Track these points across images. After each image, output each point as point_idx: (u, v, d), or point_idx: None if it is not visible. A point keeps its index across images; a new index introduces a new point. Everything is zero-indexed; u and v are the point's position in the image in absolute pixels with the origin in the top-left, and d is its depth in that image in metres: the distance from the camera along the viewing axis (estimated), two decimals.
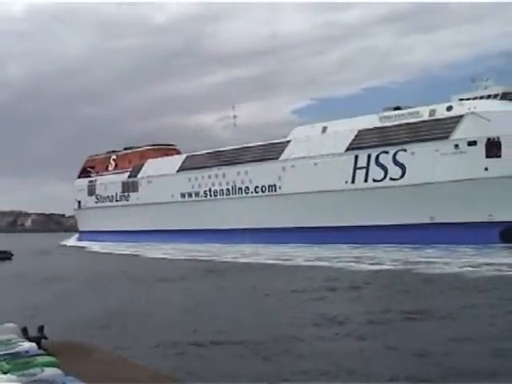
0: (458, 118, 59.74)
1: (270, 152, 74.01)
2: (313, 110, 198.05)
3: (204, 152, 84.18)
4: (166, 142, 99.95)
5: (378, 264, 39.04)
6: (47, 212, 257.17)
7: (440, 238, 54.98)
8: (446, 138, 59.62)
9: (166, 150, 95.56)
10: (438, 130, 60.51)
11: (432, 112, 62.61)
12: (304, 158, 69.26)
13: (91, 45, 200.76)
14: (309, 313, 20.71)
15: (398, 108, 66.92)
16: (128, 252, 68.10)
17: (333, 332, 17.03)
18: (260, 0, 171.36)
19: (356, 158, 65.04)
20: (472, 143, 58.03)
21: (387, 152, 62.98)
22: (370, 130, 64.99)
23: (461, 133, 58.96)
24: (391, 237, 58.35)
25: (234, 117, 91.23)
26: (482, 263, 33.49)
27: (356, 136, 65.86)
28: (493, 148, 57.09)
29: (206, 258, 53.10)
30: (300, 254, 51.72)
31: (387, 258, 43.73)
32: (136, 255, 63.45)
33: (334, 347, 15.18)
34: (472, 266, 32.21)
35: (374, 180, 63.86)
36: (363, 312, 20.43)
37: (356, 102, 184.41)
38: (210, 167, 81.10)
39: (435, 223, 58.89)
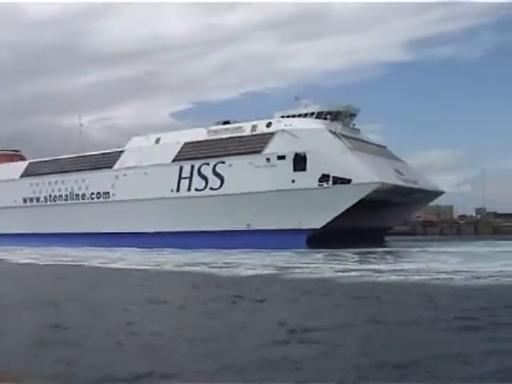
0: (271, 135, 63.67)
1: (106, 161, 76.28)
2: (192, 114, 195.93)
3: (46, 159, 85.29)
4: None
5: (253, 269, 36.69)
6: None
7: (256, 244, 57.71)
8: (260, 152, 63.43)
9: (12, 156, 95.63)
10: (253, 145, 64.19)
11: (254, 128, 66.29)
12: (135, 167, 71.87)
13: None
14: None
15: (226, 122, 70.38)
16: None
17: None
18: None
19: (181, 168, 68.09)
20: (281, 157, 61.85)
21: (208, 164, 66.30)
22: (194, 142, 68.33)
23: (272, 148, 62.82)
24: (213, 242, 61.18)
25: (81, 125, 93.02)
26: (350, 269, 33.30)
27: (182, 148, 69.06)
28: (299, 162, 60.94)
29: (76, 264, 48.04)
30: (165, 260, 48.18)
31: (258, 263, 41.58)
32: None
33: None
34: (342, 271, 32.35)
35: (197, 189, 66.93)
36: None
37: (235, 106, 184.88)
38: (51, 174, 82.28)
39: (251, 230, 62.37)
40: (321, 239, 57.35)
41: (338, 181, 58.97)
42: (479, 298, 21.13)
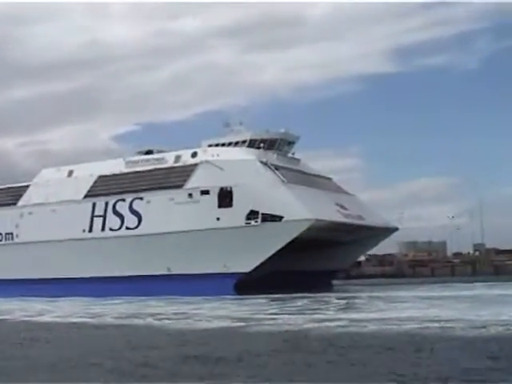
0: (193, 167, 60.59)
1: (9, 196, 71.69)
2: (137, 137, 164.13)
3: None
4: None
5: (209, 321, 33.40)
6: None
7: (178, 290, 54.79)
8: (181, 186, 60.22)
9: None
10: (173, 178, 61.24)
11: (177, 158, 63.18)
12: (43, 204, 67.53)
13: None
14: None
15: (149, 152, 66.89)
16: None
17: None
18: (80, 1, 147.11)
19: (94, 205, 64.41)
20: (205, 192, 58.95)
21: (124, 200, 62.78)
22: (110, 176, 64.92)
23: (195, 181, 59.89)
24: (129, 289, 57.82)
25: None
26: (323, 319, 30.63)
27: (95, 182, 65.47)
28: (225, 198, 58.21)
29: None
30: (102, 311, 44.06)
31: (205, 314, 38.04)
32: None
33: None
34: (315, 322, 29.39)
35: (111, 229, 63.43)
36: None
37: (189, 128, 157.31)
38: None
39: (172, 274, 59.10)
40: (251, 284, 54.60)
41: (268, 218, 56.44)
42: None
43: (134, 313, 40.56)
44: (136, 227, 62.18)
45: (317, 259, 61.06)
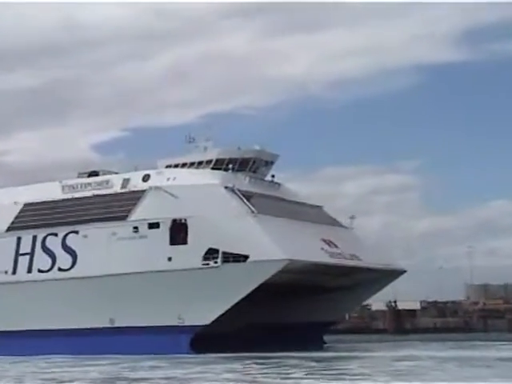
0: (141, 193, 55.91)
1: None
2: (125, 146, 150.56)
3: None
4: None
5: None
6: None
7: (122, 347, 51.17)
8: (125, 218, 55.74)
9: None
10: (116, 208, 56.91)
11: (125, 182, 58.38)
12: None
13: None
14: None
15: (94, 174, 62.01)
16: None
17: None
18: None
19: (18, 240, 59.71)
20: (154, 225, 54.57)
21: (56, 234, 58.31)
22: (39, 203, 60.20)
23: (142, 212, 55.54)
24: (62, 345, 53.82)
25: None
26: None
27: (20, 211, 60.85)
28: (179, 232, 54.04)
29: None
30: (62, 374, 39.28)
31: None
32: None
33: None
34: None
35: (40, 270, 58.65)
36: None
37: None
38: None
39: (116, 327, 54.99)
40: (212, 341, 50.38)
41: (231, 258, 51.91)
42: None
43: (111, 377, 35.67)
44: (70, 268, 57.63)
45: (301, 309, 57.65)
